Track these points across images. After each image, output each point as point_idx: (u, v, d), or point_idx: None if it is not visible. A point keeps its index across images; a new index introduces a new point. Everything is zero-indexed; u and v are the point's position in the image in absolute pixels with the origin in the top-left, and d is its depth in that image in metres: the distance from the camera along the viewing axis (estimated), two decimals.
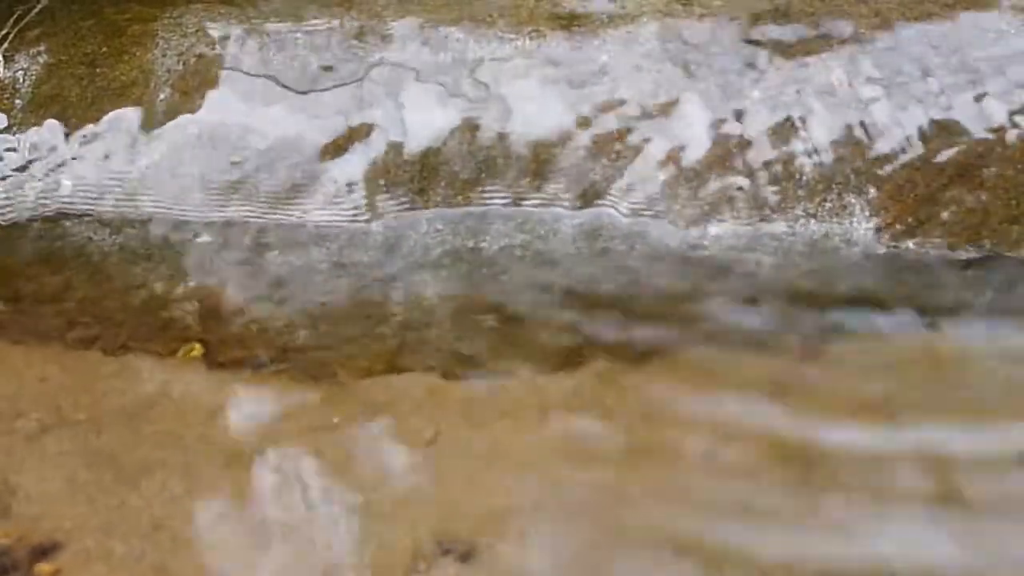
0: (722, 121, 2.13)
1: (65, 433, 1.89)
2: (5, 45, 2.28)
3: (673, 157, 2.12)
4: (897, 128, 2.10)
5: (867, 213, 2.08)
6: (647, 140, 2.13)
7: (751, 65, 2.16)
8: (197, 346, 2.04)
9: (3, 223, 2.17)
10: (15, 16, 2.32)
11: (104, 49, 2.25)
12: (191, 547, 1.73)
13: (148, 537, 1.73)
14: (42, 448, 1.87)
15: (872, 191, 2.09)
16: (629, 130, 2.14)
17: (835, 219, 2.09)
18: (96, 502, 1.79)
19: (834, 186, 2.10)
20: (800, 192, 2.10)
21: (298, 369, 2.01)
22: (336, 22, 2.27)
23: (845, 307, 2.05)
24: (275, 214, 2.14)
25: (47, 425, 1.91)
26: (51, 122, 2.20)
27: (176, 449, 1.86)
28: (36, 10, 2.33)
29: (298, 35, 2.26)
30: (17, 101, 2.22)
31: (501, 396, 1.96)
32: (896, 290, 2.06)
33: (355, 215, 2.14)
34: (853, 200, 2.09)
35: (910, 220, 2.08)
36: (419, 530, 1.77)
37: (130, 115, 2.19)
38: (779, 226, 2.09)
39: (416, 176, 2.15)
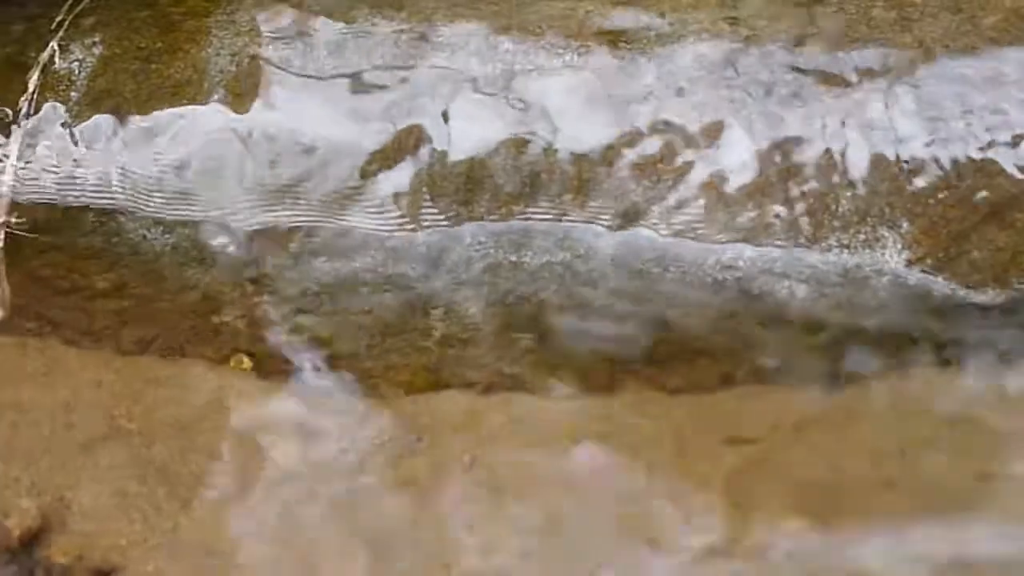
0: (763, 149, 2.17)
1: (117, 444, 1.98)
2: (60, 33, 2.31)
3: (713, 182, 2.17)
4: (933, 164, 2.15)
5: (899, 246, 2.14)
6: (689, 163, 2.18)
7: (794, 93, 2.19)
8: (246, 360, 2.12)
9: (57, 215, 2.23)
10: (69, 2, 2.35)
11: (158, 44, 2.29)
12: (243, 572, 1.83)
13: (202, 566, 1.83)
14: (95, 460, 1.97)
15: (905, 225, 2.15)
16: (671, 153, 2.18)
17: (868, 250, 2.15)
18: (149, 520, 1.89)
19: (869, 219, 2.15)
20: (835, 223, 2.15)
21: (343, 383, 2.09)
22: (387, 24, 2.30)
23: (872, 341, 2.12)
24: (323, 220, 2.20)
25: (100, 435, 2.00)
26: (106, 116, 2.25)
27: (228, 465, 1.95)
28: None
29: (349, 37, 2.29)
30: (73, 93, 2.27)
31: (537, 420, 2.05)
32: (923, 324, 2.13)
33: (400, 224, 2.20)
34: (886, 233, 2.15)
35: (940, 255, 2.13)
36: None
37: (183, 114, 2.24)
38: (813, 255, 2.15)
39: (461, 188, 2.20)
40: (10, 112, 2.26)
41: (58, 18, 2.33)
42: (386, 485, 1.93)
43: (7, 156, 2.23)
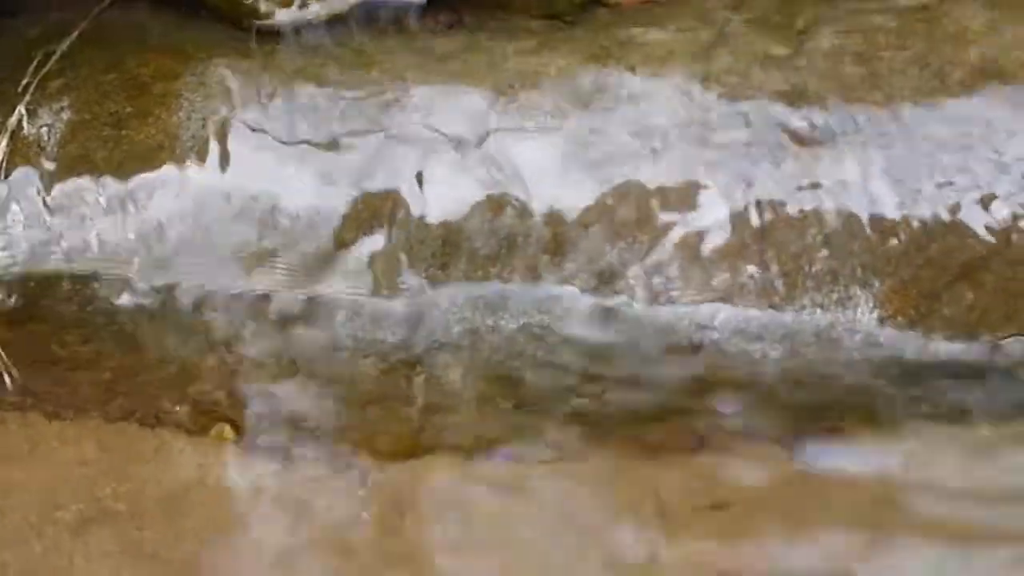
0: (738, 210, 2.19)
1: (107, 527, 1.99)
2: (27, 97, 2.29)
3: (688, 243, 2.19)
4: (904, 225, 2.18)
5: (871, 305, 2.18)
6: (663, 225, 2.20)
7: (768, 153, 2.21)
8: (227, 428, 2.13)
9: (32, 284, 2.22)
10: (35, 63, 2.33)
11: (129, 109, 2.27)
12: None
13: None
14: (85, 545, 1.97)
15: (877, 284, 2.18)
16: (647, 214, 2.20)
17: (840, 310, 2.18)
18: None
19: (841, 278, 2.18)
20: (809, 283, 2.18)
21: (325, 455, 2.11)
22: (357, 84, 2.30)
23: (844, 405, 2.17)
24: (299, 286, 2.21)
25: (88, 517, 2.01)
26: (79, 182, 2.24)
27: (217, 548, 1.97)
28: (55, 57, 2.33)
29: (319, 98, 2.28)
30: (44, 160, 2.25)
31: (521, 487, 2.07)
32: (895, 385, 2.17)
33: (376, 289, 2.20)
34: (859, 292, 2.18)
35: (912, 313, 2.17)
36: None
37: (157, 180, 2.23)
38: (787, 315, 2.18)
39: (438, 251, 2.21)
40: None
41: (24, 80, 2.31)
42: (377, 560, 1.96)
43: None
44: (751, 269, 2.18)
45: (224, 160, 2.24)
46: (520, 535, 2.04)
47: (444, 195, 2.22)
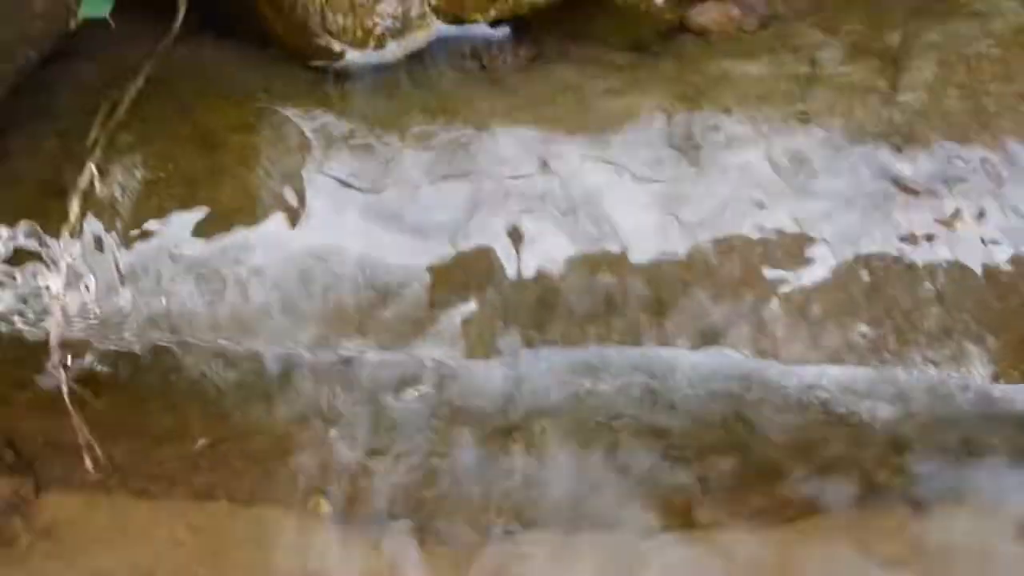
0: (847, 264, 2.10)
1: None
2: (97, 153, 2.18)
3: (796, 299, 2.11)
4: (1019, 276, 2.10)
5: (984, 360, 2.10)
6: (770, 281, 2.11)
7: (876, 203, 2.12)
8: (323, 502, 2.06)
9: (112, 349, 2.13)
10: (101, 115, 2.21)
11: (204, 166, 2.17)
12: None
13: None
14: None
15: (991, 339, 2.10)
16: (751, 269, 2.11)
17: (953, 366, 2.10)
18: None
19: (954, 334, 2.10)
20: (920, 339, 2.10)
21: (424, 531, 2.04)
22: (442, 132, 2.19)
23: (957, 463, 2.10)
24: (389, 351, 2.12)
25: None
26: (156, 244, 2.14)
27: None
28: (123, 107, 2.22)
29: (404, 149, 2.18)
30: (118, 221, 2.15)
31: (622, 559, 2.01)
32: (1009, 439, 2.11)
33: (471, 352, 2.12)
34: (972, 347, 2.10)
35: None
36: None
37: (238, 241, 2.14)
38: (898, 372, 2.10)
39: (533, 311, 2.12)
40: (51, 243, 2.14)
41: (92, 134, 2.20)
42: None
43: (53, 292, 2.13)
44: (861, 327, 2.10)
45: (305, 218, 2.14)
46: None
47: (539, 251, 2.12)
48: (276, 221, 2.14)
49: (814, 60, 2.29)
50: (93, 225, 2.13)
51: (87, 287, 2.13)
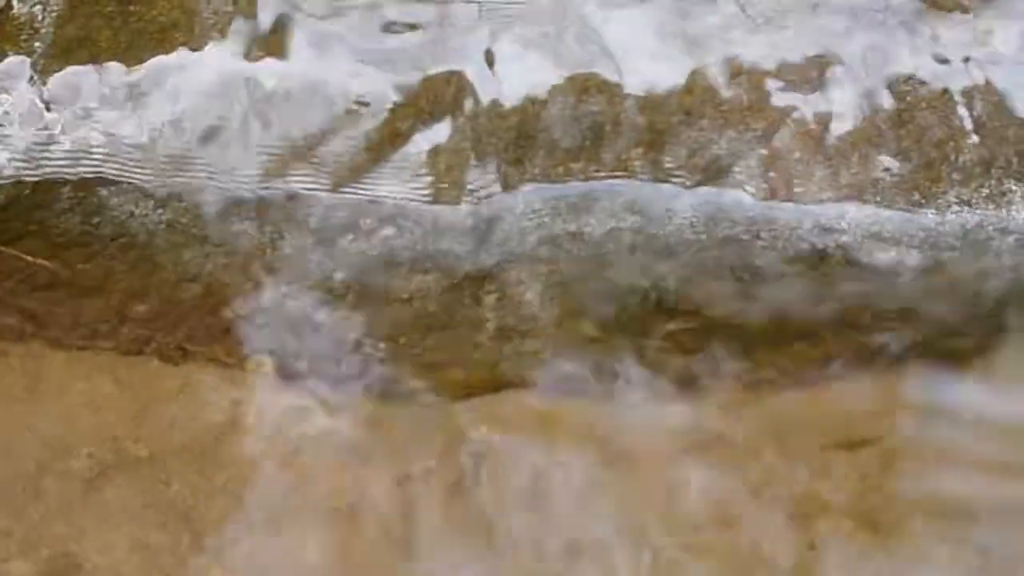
0: (871, 91, 1.83)
1: (127, 478, 1.65)
2: None
3: (811, 131, 1.83)
4: None
5: None
6: (780, 109, 1.84)
7: (907, 24, 1.85)
8: (266, 361, 1.79)
9: (28, 189, 1.87)
10: None
11: None
12: None
13: None
14: (102, 499, 1.63)
15: None
16: (760, 96, 1.84)
17: (991, 207, 1.83)
18: None
19: (993, 171, 1.83)
20: (955, 176, 1.83)
21: (383, 390, 1.76)
22: None
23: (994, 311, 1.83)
24: (346, 189, 1.85)
25: (105, 466, 1.66)
26: (79, 69, 1.87)
27: (258, 502, 1.63)
28: None
29: None
30: (37, 43, 1.88)
31: (609, 433, 1.73)
32: None
33: (438, 191, 1.85)
34: (1014, 187, 1.83)
35: None
36: None
37: (172, 64, 1.87)
38: (928, 214, 1.83)
39: (511, 145, 1.85)
40: None
41: None
42: (444, 522, 1.62)
43: None
44: (886, 160, 1.83)
45: (251, 38, 1.87)
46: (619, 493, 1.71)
47: (518, 77, 1.85)
48: (216, 41, 1.87)
49: None
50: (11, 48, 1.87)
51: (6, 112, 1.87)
